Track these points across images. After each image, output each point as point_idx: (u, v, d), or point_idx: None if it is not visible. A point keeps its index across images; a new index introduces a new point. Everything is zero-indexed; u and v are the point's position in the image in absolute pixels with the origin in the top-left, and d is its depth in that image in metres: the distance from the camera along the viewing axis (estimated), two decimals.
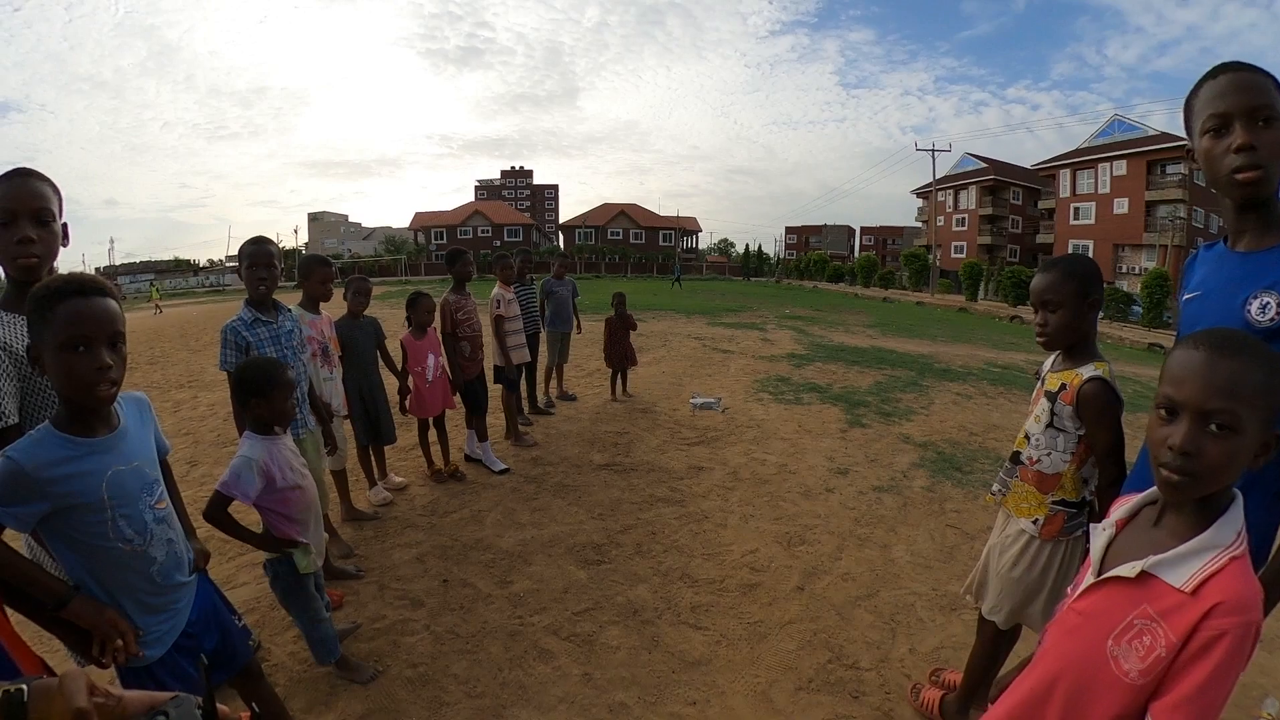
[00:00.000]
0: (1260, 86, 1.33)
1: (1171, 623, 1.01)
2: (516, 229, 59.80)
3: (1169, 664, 1.00)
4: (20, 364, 1.58)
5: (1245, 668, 1.00)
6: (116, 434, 1.44)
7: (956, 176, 50.50)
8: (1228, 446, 0.99)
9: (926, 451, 5.44)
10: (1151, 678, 1.02)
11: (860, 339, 13.92)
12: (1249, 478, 1.16)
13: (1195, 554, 1.03)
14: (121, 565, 1.45)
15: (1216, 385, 0.99)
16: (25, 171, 1.64)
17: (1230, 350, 1.00)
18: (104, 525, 1.40)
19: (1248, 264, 1.42)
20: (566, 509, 4.17)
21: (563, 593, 3.16)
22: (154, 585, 1.51)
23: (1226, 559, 1.01)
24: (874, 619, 2.96)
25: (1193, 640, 0.98)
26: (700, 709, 2.37)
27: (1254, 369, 0.99)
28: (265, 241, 2.97)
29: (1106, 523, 1.21)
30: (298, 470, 2.20)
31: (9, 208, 1.59)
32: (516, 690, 2.46)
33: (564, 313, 6.84)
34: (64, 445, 1.35)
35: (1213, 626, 0.97)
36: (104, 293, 1.36)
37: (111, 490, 1.40)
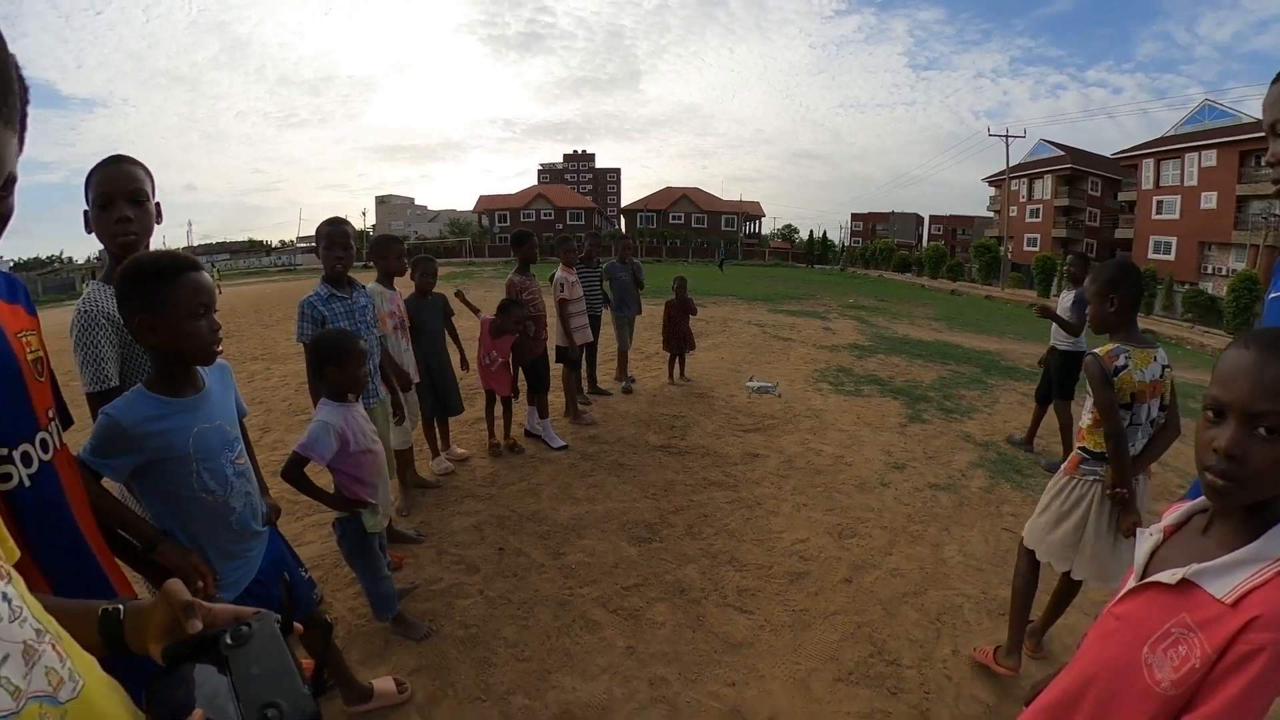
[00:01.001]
0: None
1: (1208, 634, 0.97)
2: (579, 212, 60.18)
3: (1203, 677, 0.96)
4: (120, 332, 1.74)
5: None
6: (201, 395, 1.56)
7: (1031, 164, 47.73)
8: (1277, 451, 0.94)
9: (987, 451, 5.29)
10: (1183, 689, 0.98)
11: (925, 332, 13.53)
12: None
13: (1241, 565, 0.99)
14: (204, 514, 1.58)
15: (1266, 386, 0.94)
16: (119, 157, 1.78)
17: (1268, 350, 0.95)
18: (190, 477, 1.53)
19: None
20: (621, 487, 4.26)
21: (613, 567, 3.25)
22: (232, 533, 1.64)
23: (1272, 572, 0.96)
24: (919, 617, 2.94)
25: (1229, 654, 0.94)
26: (738, 690, 2.42)
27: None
28: (342, 222, 3.13)
29: (1154, 528, 1.18)
30: (370, 435, 2.34)
31: (107, 191, 1.73)
32: (562, 656, 2.57)
33: (626, 297, 6.83)
34: (155, 404, 1.48)
35: (1250, 640, 0.92)
36: (200, 267, 1.50)
37: (197, 445, 1.52)
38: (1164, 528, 1.17)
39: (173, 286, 1.41)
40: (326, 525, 3.50)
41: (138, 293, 1.42)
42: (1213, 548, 1.04)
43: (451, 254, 49.24)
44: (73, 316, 1.75)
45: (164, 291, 1.41)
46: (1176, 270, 29.47)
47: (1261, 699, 0.92)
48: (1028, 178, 47.56)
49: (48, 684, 0.55)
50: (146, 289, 1.41)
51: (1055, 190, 45.46)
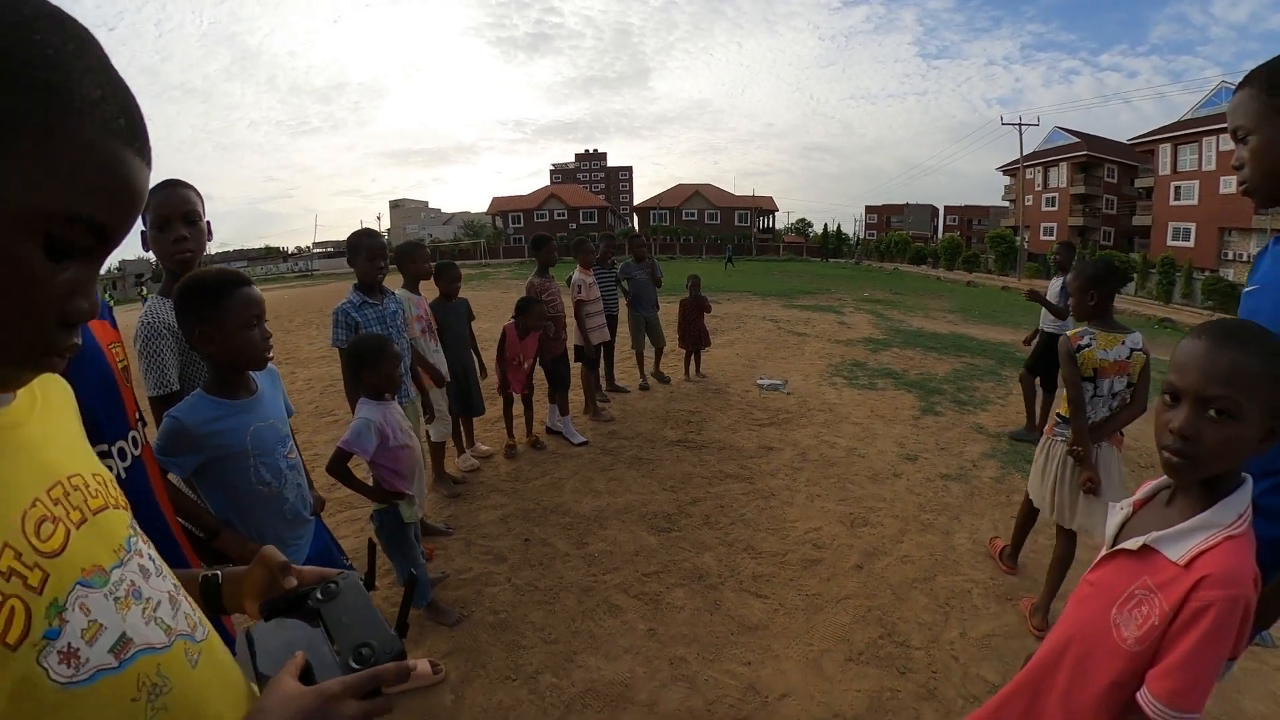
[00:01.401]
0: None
1: (1166, 594, 1.08)
2: (592, 211, 60.34)
3: (1162, 633, 1.07)
4: (179, 341, 1.91)
5: (1244, 645, 1.08)
6: (255, 397, 1.72)
7: (1046, 152, 47.09)
8: (1226, 432, 1.05)
9: (999, 442, 5.36)
10: (1146, 645, 1.09)
11: (940, 324, 13.52)
12: None
13: (1193, 531, 1.10)
14: (260, 504, 1.74)
15: (1216, 373, 1.04)
16: (174, 182, 1.95)
17: (1232, 340, 1.05)
18: (248, 471, 1.68)
19: None
20: (640, 480, 4.41)
21: (634, 555, 3.40)
22: (285, 521, 1.80)
23: (1222, 537, 1.07)
24: (929, 601, 3.04)
25: (1183, 610, 1.05)
26: (754, 669, 2.56)
27: (1254, 359, 1.03)
28: (378, 235, 3.30)
29: (1125, 502, 1.30)
30: (406, 431, 2.51)
31: (164, 213, 1.89)
32: (587, 639, 2.72)
33: (644, 297, 6.82)
34: (215, 406, 1.64)
35: (1200, 598, 1.03)
36: (250, 282, 1.67)
37: (254, 442, 1.68)
38: (1133, 502, 1.29)
39: (227, 301, 1.57)
40: (359, 520, 3.69)
41: (196, 307, 1.58)
42: (1173, 517, 1.16)
43: (466, 256, 49.61)
44: (136, 328, 1.93)
45: (219, 306, 1.57)
46: (1196, 257, 29.03)
47: (1215, 649, 1.03)
48: (1043, 166, 46.94)
49: (188, 625, 0.68)
50: (204, 304, 1.58)
51: (1071, 178, 44.84)
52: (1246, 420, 1.04)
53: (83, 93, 0.48)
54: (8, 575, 0.49)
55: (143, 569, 0.64)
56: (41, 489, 0.56)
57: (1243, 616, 1.03)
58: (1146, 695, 1.07)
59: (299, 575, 0.84)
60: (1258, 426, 1.04)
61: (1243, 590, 1.03)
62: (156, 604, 0.63)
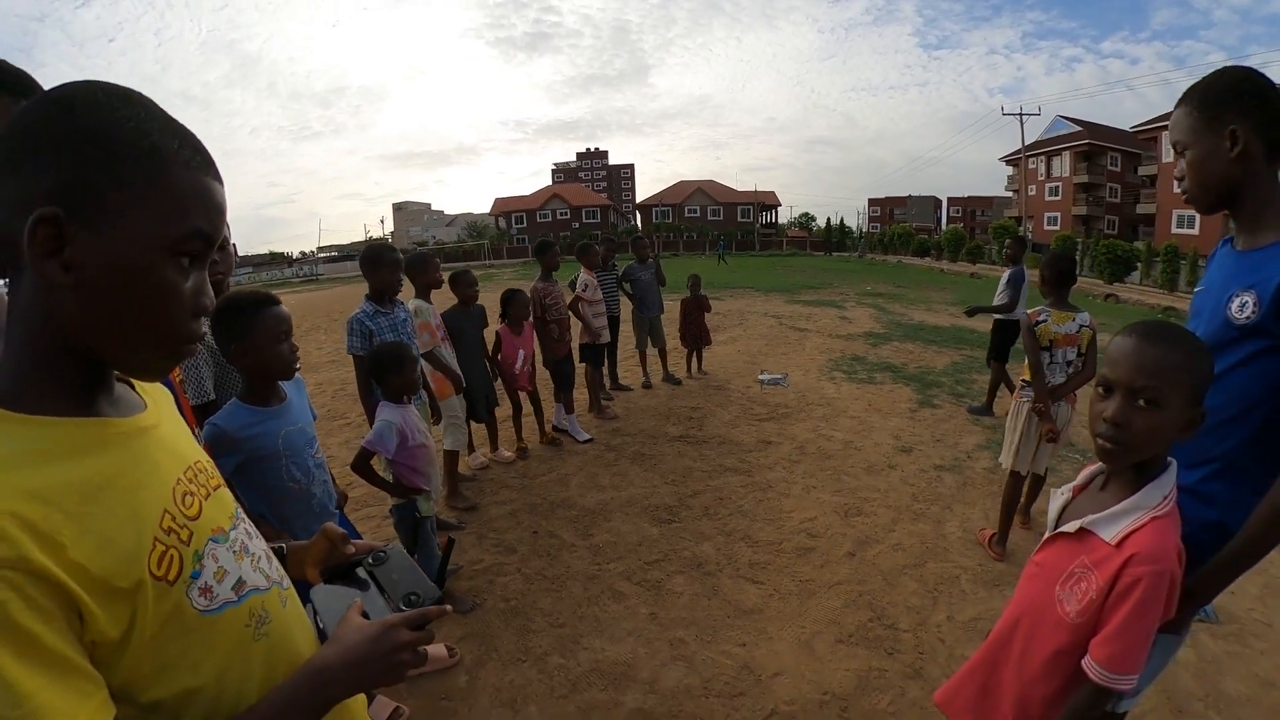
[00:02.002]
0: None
1: (1101, 571, 1.22)
2: (594, 210, 60.48)
3: (1099, 606, 1.21)
4: (214, 354, 2.12)
5: (1187, 622, 1.22)
6: (285, 404, 1.91)
7: (1048, 141, 46.90)
8: (1153, 419, 1.18)
9: (995, 434, 5.46)
10: (1086, 618, 1.23)
11: (941, 317, 13.57)
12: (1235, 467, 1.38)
13: (1124, 514, 1.24)
14: (291, 499, 1.92)
15: (1144, 366, 1.18)
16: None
17: (1158, 338, 1.20)
18: (280, 470, 1.87)
19: (1240, 262, 1.46)
20: (643, 475, 4.58)
21: (636, 545, 3.58)
22: (313, 515, 1.97)
23: (1149, 518, 1.20)
24: (918, 587, 3.19)
25: (1116, 585, 1.19)
26: (749, 650, 2.72)
27: (1176, 354, 1.18)
28: (395, 249, 3.47)
29: (1065, 488, 1.44)
30: (423, 431, 2.70)
31: None
32: (592, 623, 2.90)
33: (649, 298, 6.89)
34: (250, 413, 1.82)
35: (1130, 574, 1.17)
36: (279, 301, 1.86)
37: (285, 444, 1.86)
38: (1072, 487, 1.44)
39: (259, 319, 1.77)
40: (375, 519, 3.89)
41: (232, 325, 1.77)
42: (1106, 501, 1.30)
43: (470, 257, 49.66)
44: None
45: (253, 323, 1.76)
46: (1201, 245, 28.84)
47: (1146, 618, 1.17)
48: (1045, 155, 46.74)
49: (278, 576, 0.87)
50: (239, 322, 1.77)
51: (1074, 167, 44.63)
52: (1170, 408, 1.18)
53: (166, 146, 0.66)
54: (168, 533, 0.68)
55: (248, 532, 0.84)
56: (180, 471, 0.75)
57: (1169, 589, 1.17)
58: (1089, 661, 1.21)
59: (355, 548, 1.02)
60: (1180, 415, 1.19)
61: (1167, 566, 1.16)
62: (258, 558, 0.83)
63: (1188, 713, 2.39)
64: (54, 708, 0.55)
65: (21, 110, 0.63)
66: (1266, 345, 1.34)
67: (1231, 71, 1.42)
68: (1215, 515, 1.40)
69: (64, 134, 0.61)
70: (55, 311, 0.64)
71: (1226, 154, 1.38)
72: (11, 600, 0.54)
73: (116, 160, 0.63)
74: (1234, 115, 1.37)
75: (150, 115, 0.66)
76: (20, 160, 0.61)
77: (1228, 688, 2.53)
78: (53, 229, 0.60)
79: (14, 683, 0.53)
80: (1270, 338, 1.33)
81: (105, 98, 0.64)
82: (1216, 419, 1.35)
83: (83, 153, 0.62)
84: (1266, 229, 1.40)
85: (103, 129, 0.62)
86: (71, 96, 0.63)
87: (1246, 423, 1.38)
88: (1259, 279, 1.35)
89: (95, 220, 0.62)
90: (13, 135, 0.62)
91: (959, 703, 1.55)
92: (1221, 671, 2.61)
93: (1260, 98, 1.36)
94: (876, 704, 2.42)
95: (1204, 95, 1.42)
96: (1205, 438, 1.38)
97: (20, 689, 0.53)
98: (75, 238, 0.61)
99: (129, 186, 0.63)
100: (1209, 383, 1.20)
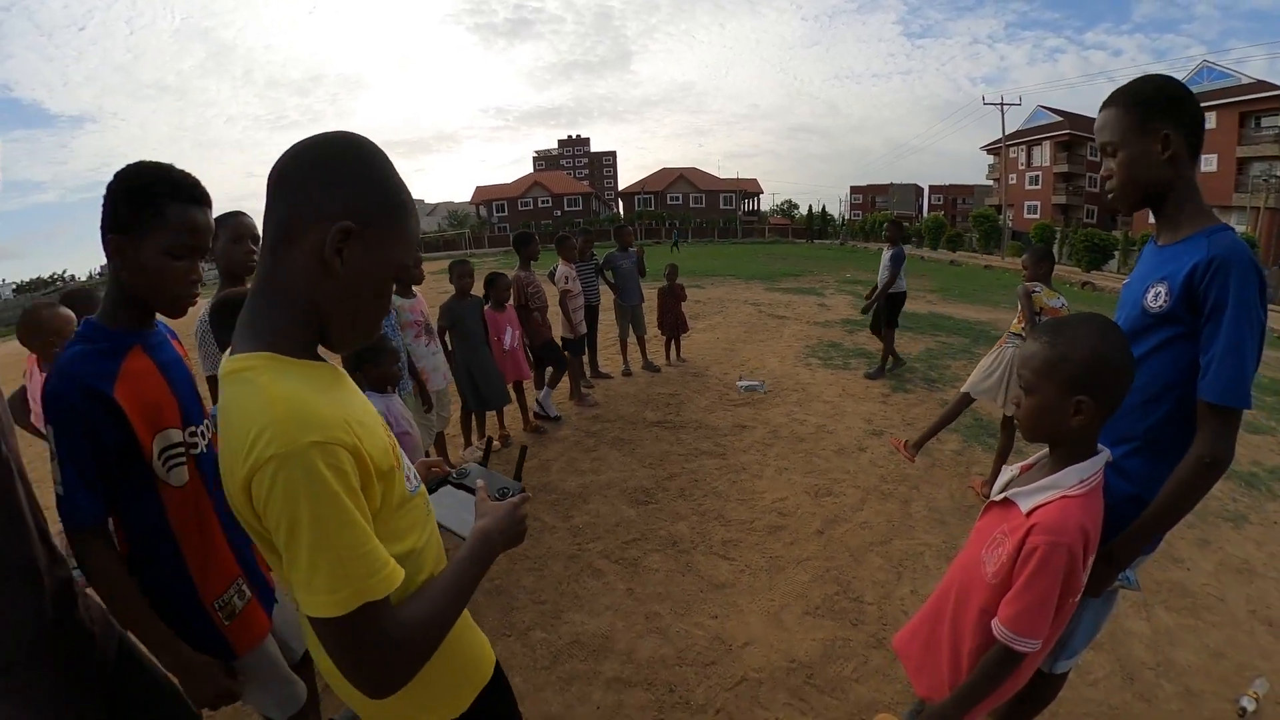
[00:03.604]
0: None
1: (1013, 538, 1.37)
2: (576, 198, 60.21)
3: (1009, 570, 1.36)
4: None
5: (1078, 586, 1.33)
6: None
7: (1029, 131, 47.35)
8: (1030, 403, 1.40)
9: (964, 417, 5.63)
10: (1000, 579, 1.38)
11: (919, 304, 13.74)
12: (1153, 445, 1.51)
13: (1041, 490, 1.39)
14: None
15: (1024, 360, 1.41)
16: (240, 212, 2.47)
17: (1044, 335, 1.39)
18: None
19: (1159, 256, 1.56)
20: (621, 459, 4.72)
21: (615, 526, 3.73)
22: None
23: (1059, 495, 1.35)
24: (883, 563, 3.35)
25: (1022, 551, 1.34)
26: (720, 622, 2.88)
27: (1049, 349, 1.35)
28: None
29: (1015, 466, 1.58)
30: (408, 419, 2.81)
31: (240, 233, 2.42)
32: (572, 599, 3.04)
33: (629, 286, 7.03)
34: None
35: (1030, 542, 1.32)
36: None
37: None
38: (1020, 466, 1.58)
39: None
40: None
41: (231, 321, 1.89)
42: (1035, 478, 1.46)
43: (451, 246, 49.27)
44: (197, 324, 2.39)
45: None
46: None
47: (1041, 584, 1.31)
48: (1026, 145, 47.18)
49: (419, 481, 1.09)
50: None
51: (1054, 156, 45.09)
52: (1039, 395, 1.38)
53: (409, 203, 0.96)
54: (392, 450, 0.98)
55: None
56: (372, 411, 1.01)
57: (1068, 561, 1.30)
58: (995, 621, 1.36)
59: (440, 468, 1.38)
60: (1053, 401, 1.35)
61: (1062, 539, 1.30)
62: (408, 466, 1.07)
63: (1139, 680, 2.54)
64: (382, 551, 0.84)
65: (329, 144, 0.90)
66: (1178, 332, 1.46)
67: (1158, 78, 1.51)
68: (1134, 489, 1.53)
69: (363, 175, 0.90)
70: (313, 292, 0.89)
71: (1158, 156, 1.48)
72: (353, 475, 0.83)
73: (388, 205, 0.92)
74: (1165, 120, 1.47)
75: (392, 169, 0.95)
76: (331, 182, 0.88)
77: (1179, 658, 2.68)
78: (345, 236, 0.87)
79: (362, 527, 0.82)
80: (1181, 325, 1.45)
81: (383, 156, 0.94)
82: (1136, 400, 1.50)
83: (372, 193, 0.90)
84: (1184, 225, 1.52)
85: (383, 179, 0.92)
86: (365, 147, 0.92)
87: (1162, 404, 1.50)
88: (1171, 270, 1.47)
89: (367, 238, 0.89)
90: (327, 162, 0.88)
91: (911, 658, 1.71)
92: (1174, 643, 2.77)
93: (1188, 103, 1.48)
94: (840, 671, 2.57)
95: (1136, 99, 1.50)
96: (1127, 418, 1.53)
97: (367, 532, 0.83)
98: (353, 247, 0.88)
99: (390, 224, 0.92)
100: (1091, 373, 1.33)
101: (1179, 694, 2.49)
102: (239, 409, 0.83)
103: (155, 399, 1.36)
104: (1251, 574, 3.34)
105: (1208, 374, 1.39)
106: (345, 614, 0.80)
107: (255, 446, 0.79)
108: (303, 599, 0.81)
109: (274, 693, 1.63)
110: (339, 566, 0.79)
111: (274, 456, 0.77)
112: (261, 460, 0.78)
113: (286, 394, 0.82)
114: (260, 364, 0.86)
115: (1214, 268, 1.38)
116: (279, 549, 0.82)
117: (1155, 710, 2.40)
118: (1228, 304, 1.37)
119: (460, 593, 0.97)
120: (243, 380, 0.85)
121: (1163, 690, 2.50)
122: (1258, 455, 5.16)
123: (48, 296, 20.47)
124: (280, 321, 0.90)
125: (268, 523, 0.81)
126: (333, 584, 0.79)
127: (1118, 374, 1.33)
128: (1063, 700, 2.36)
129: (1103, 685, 2.51)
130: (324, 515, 0.79)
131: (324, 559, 0.79)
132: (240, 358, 0.88)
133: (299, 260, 0.88)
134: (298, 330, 0.90)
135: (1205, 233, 1.44)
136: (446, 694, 1.10)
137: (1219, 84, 34.20)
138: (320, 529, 0.78)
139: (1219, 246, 1.39)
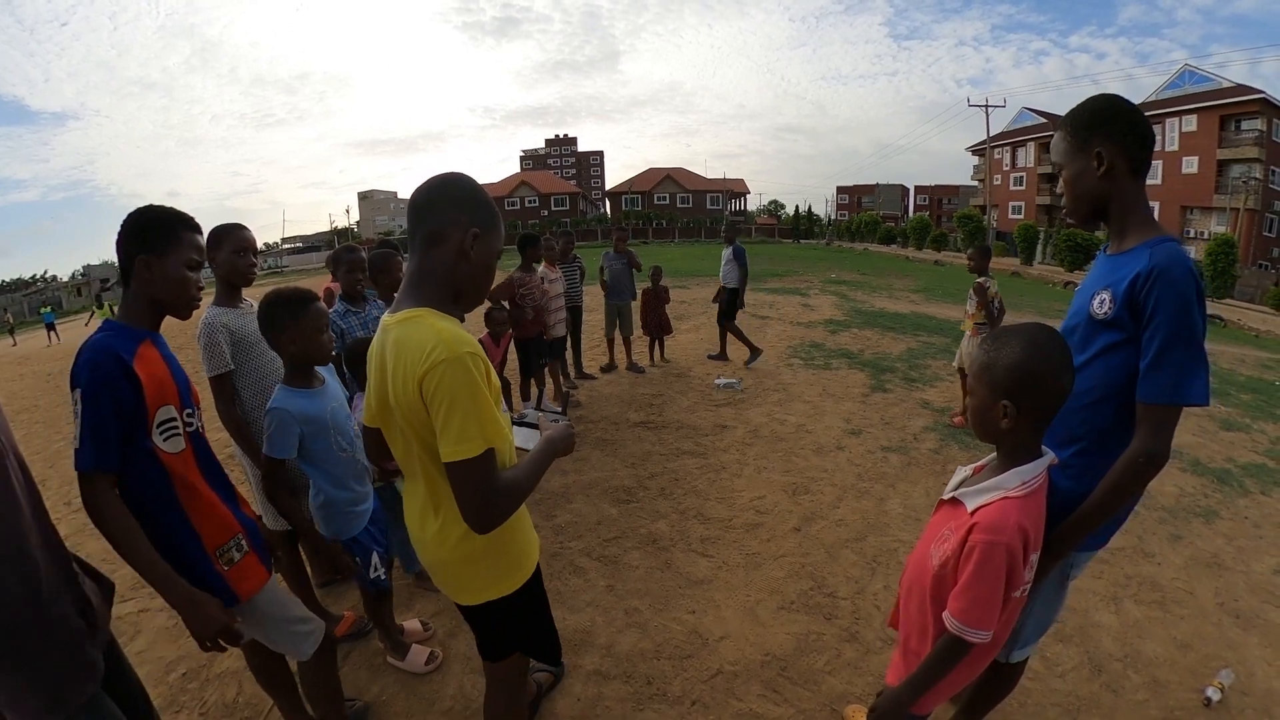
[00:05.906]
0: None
1: (958, 535, 1.45)
2: (563, 198, 60.22)
3: (954, 565, 1.43)
4: (232, 334, 2.48)
5: (1019, 582, 1.39)
6: (324, 387, 2.25)
7: (1014, 133, 48.03)
8: (970, 404, 1.50)
9: (942, 416, 5.75)
10: (946, 572, 1.46)
11: (902, 304, 13.94)
12: (1096, 445, 1.58)
13: (986, 490, 1.46)
14: (341, 464, 2.25)
15: (969, 361, 1.52)
16: (241, 225, 2.57)
17: (987, 342, 1.47)
18: (329, 440, 2.20)
19: (1107, 265, 1.64)
20: (604, 459, 4.79)
21: (596, 524, 3.79)
22: (356, 475, 2.34)
23: (1000, 496, 1.42)
24: (858, 559, 3.42)
25: (964, 549, 1.42)
26: (698, 617, 2.95)
27: (985, 355, 1.44)
28: (357, 249, 3.60)
29: (969, 466, 1.65)
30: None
31: (242, 245, 2.54)
32: (554, 595, 3.08)
33: (620, 285, 7.26)
34: (298, 396, 2.14)
35: (971, 540, 1.40)
36: (319, 297, 2.20)
37: (332, 419, 2.21)
38: (974, 467, 1.64)
39: (305, 313, 2.11)
40: None
41: (282, 317, 2.10)
42: (983, 479, 1.52)
43: None
44: (200, 328, 2.47)
45: (300, 315, 2.10)
46: None
47: (981, 578, 1.38)
48: (1011, 146, 47.76)
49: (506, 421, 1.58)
50: (288, 314, 2.10)
51: (1038, 158, 45.66)
52: (975, 397, 1.47)
53: (498, 213, 1.48)
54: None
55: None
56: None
57: (1007, 558, 1.36)
58: (946, 613, 1.44)
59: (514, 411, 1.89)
60: (986, 402, 1.44)
61: (1000, 538, 1.37)
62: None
63: (1106, 671, 2.62)
64: (500, 419, 1.38)
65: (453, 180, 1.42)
66: (1122, 337, 1.54)
67: (1098, 99, 1.60)
68: (1076, 486, 1.60)
69: (477, 197, 1.43)
70: (453, 274, 1.41)
71: (1094, 172, 1.58)
72: (485, 375, 1.34)
73: (493, 216, 1.45)
74: (1099, 138, 1.56)
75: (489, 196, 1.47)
76: (461, 204, 1.40)
77: (1147, 650, 2.75)
78: (474, 237, 1.40)
79: (490, 403, 1.33)
80: (1124, 331, 1.53)
81: (480, 185, 1.45)
82: (1083, 402, 1.58)
83: (483, 209, 1.43)
84: (1130, 236, 1.60)
85: (487, 200, 1.45)
86: (472, 180, 1.44)
87: (1107, 406, 1.58)
88: (1115, 279, 1.55)
89: (483, 238, 1.42)
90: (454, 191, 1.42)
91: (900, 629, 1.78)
92: (1142, 635, 2.86)
93: (1123, 121, 1.55)
94: (813, 664, 2.65)
95: (1074, 121, 1.61)
96: (1073, 418, 1.61)
97: (493, 407, 1.34)
98: (476, 245, 1.41)
99: (495, 227, 1.46)
100: (1014, 380, 1.40)
101: (1145, 684, 2.56)
102: (414, 336, 1.31)
103: (161, 378, 1.62)
104: (1221, 568, 3.45)
105: (1145, 376, 1.48)
106: (477, 455, 1.28)
107: (431, 355, 1.27)
108: (450, 450, 1.27)
109: (284, 631, 1.89)
110: (477, 424, 1.28)
111: (444, 359, 1.26)
112: (436, 361, 1.26)
113: (446, 327, 1.32)
114: (424, 313, 1.35)
115: (1154, 277, 1.45)
116: (436, 424, 1.29)
117: (1122, 700, 2.47)
118: (1165, 311, 1.44)
119: (534, 473, 1.46)
120: (414, 321, 1.34)
121: (1130, 681, 2.58)
122: (1231, 452, 5.30)
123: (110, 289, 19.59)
124: (434, 292, 1.40)
125: (433, 404, 1.28)
126: (472, 433, 1.28)
127: (1040, 381, 1.38)
128: (1031, 691, 2.46)
129: (1071, 677, 2.58)
130: (473, 393, 1.28)
131: (472, 419, 1.27)
132: (408, 311, 1.37)
133: (446, 255, 1.39)
134: (445, 297, 1.42)
135: (1149, 244, 1.51)
136: (509, 572, 1.59)
137: (1200, 87, 34.77)
138: (470, 400, 1.28)
139: (1159, 257, 1.46)
